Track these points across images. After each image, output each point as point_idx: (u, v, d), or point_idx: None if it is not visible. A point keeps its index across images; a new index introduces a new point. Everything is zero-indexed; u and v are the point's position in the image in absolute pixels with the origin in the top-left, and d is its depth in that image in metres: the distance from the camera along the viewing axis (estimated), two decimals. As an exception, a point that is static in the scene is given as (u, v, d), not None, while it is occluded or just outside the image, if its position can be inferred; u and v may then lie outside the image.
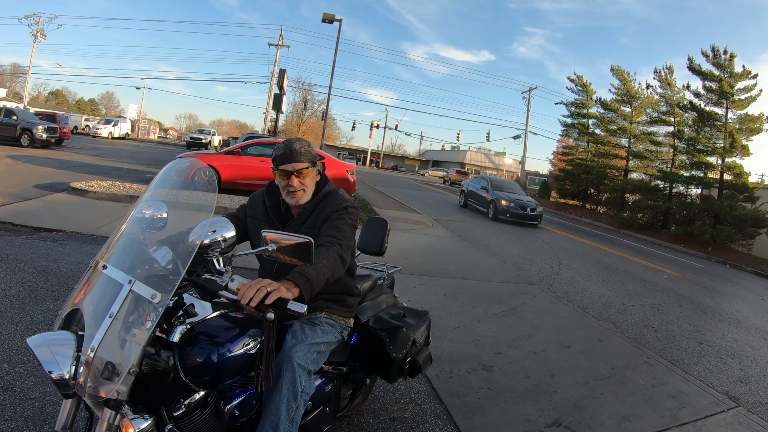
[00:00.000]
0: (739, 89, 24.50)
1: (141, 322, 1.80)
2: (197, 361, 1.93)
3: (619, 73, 32.15)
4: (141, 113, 66.59)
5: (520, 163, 52.97)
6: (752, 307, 10.70)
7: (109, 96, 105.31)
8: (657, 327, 7.38)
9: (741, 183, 23.55)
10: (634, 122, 32.06)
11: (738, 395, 5.27)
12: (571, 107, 36.80)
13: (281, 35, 44.53)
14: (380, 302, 3.19)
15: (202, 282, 2.07)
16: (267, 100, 44.87)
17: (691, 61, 25.78)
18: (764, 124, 24.13)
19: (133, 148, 32.08)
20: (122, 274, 1.83)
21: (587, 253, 14.40)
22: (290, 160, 2.48)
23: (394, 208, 16.97)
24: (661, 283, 11.38)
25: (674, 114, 28.45)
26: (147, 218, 2.19)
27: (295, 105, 74.89)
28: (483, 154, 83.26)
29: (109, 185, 11.57)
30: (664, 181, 28.13)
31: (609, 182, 32.93)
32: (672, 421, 4.33)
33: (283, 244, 2.08)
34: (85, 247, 6.79)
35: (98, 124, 43.49)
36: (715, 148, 24.58)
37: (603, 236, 21.01)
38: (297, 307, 1.95)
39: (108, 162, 19.16)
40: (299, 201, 2.54)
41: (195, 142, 44.46)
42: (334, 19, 24.79)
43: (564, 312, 7.34)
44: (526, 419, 3.96)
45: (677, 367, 5.82)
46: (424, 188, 33.48)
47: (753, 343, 7.49)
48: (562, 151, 41.08)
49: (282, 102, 26.32)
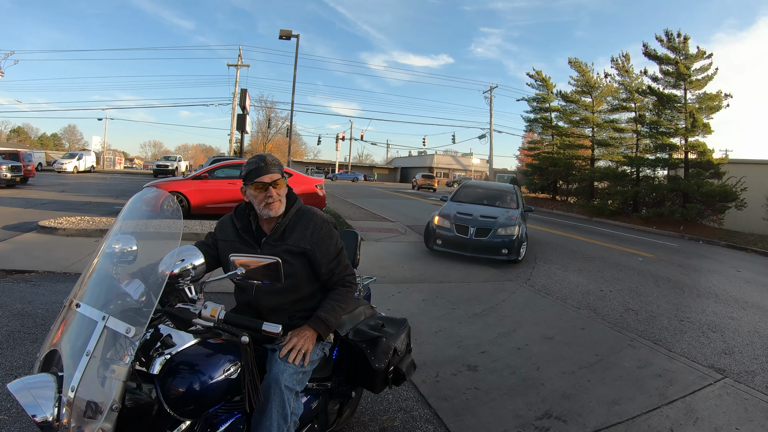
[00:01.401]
0: (695, 70, 24.95)
1: (119, 357, 1.79)
2: (179, 391, 1.92)
3: (577, 65, 32.60)
4: (105, 145, 66.02)
5: (488, 162, 53.39)
6: (729, 280, 10.86)
7: (72, 129, 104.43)
8: (637, 309, 7.42)
9: (706, 160, 23.93)
10: (596, 111, 32.51)
11: (723, 367, 5.32)
12: (532, 102, 37.21)
13: (240, 55, 44.47)
14: (358, 314, 3.14)
15: (176, 312, 2.06)
16: (231, 122, 44.64)
17: (646, 47, 26.24)
18: (723, 101, 24.61)
19: (99, 181, 31.76)
20: (96, 311, 1.81)
21: (561, 244, 14.49)
22: (266, 172, 2.50)
23: (366, 218, 16.90)
24: (636, 266, 11.48)
25: (634, 100, 28.89)
26: (117, 252, 2.18)
27: (259, 124, 74.58)
28: (450, 157, 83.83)
29: (78, 221, 11.34)
30: (630, 166, 28.51)
31: (577, 172, 33.36)
32: (661, 400, 4.35)
33: (252, 267, 2.13)
34: (59, 287, 6.64)
35: (63, 159, 42.73)
36: (678, 129, 24.98)
37: (576, 226, 21.18)
38: (271, 328, 2.00)
39: (75, 197, 18.81)
40: (278, 211, 2.54)
41: (162, 169, 44.14)
42: (291, 35, 24.77)
43: (544, 305, 7.35)
44: (516, 414, 3.94)
45: (661, 346, 5.86)
46: (395, 196, 33.49)
47: (733, 315, 7.58)
48: (528, 146, 41.55)
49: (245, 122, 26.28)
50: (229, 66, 45.19)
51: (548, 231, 17.73)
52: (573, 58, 32.95)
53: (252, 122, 60.77)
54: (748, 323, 7.18)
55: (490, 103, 51.12)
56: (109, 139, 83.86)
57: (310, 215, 2.65)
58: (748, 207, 21.81)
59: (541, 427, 3.76)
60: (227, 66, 45.62)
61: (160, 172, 43.00)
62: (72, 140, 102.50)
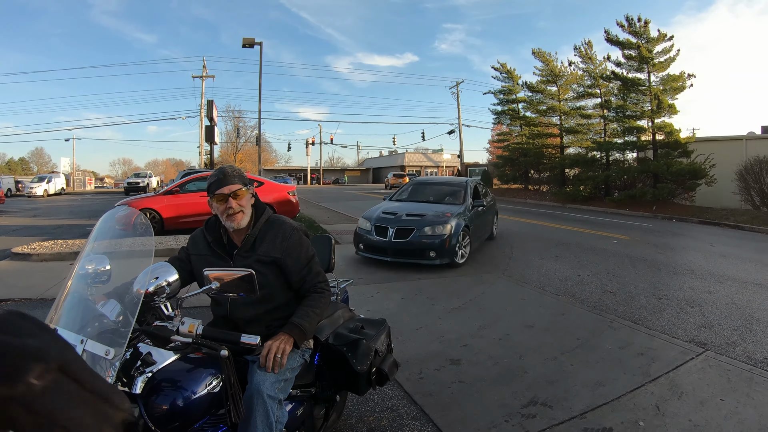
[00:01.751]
0: (657, 52, 25.15)
1: None
2: (163, 408, 1.92)
3: (541, 55, 32.79)
4: (74, 166, 65.06)
5: (459, 156, 53.57)
6: (703, 255, 10.98)
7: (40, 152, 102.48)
8: (615, 291, 7.46)
9: (673, 140, 24.16)
10: (563, 100, 32.70)
11: (704, 340, 5.38)
12: (499, 95, 37.27)
13: (204, 66, 44.30)
14: (337, 318, 3.14)
15: (154, 330, 2.05)
16: (199, 134, 44.31)
17: (608, 34, 26.39)
18: (686, 82, 24.83)
19: (71, 203, 31.26)
20: (73, 335, 1.78)
21: (537, 233, 14.59)
22: (225, 183, 2.50)
23: (341, 221, 16.84)
24: (612, 248, 11.58)
25: (599, 86, 29.05)
26: (90, 273, 2.16)
27: (228, 134, 73.93)
28: (421, 154, 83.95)
29: (52, 245, 11.14)
30: (600, 152, 28.67)
31: (547, 161, 33.52)
32: (644, 378, 4.38)
33: (227, 280, 2.14)
34: (36, 313, 6.18)
35: (32, 183, 41.97)
36: (644, 112, 25.18)
37: (550, 214, 21.31)
38: (249, 339, 2.02)
39: (48, 221, 18.55)
40: (240, 223, 2.52)
41: (133, 186, 43.59)
42: (255, 42, 24.69)
43: (522, 294, 7.37)
44: (502, 404, 3.94)
45: (641, 325, 5.90)
46: (368, 197, 33.38)
47: (710, 289, 7.66)
48: (497, 138, 41.58)
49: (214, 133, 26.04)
50: (194, 78, 45.00)
51: (523, 221, 17.82)
52: (536, 48, 33.18)
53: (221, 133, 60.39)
54: (725, 296, 7.26)
55: (457, 98, 51.40)
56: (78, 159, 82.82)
57: (279, 224, 2.64)
58: (718, 183, 22.03)
59: (527, 415, 3.75)
60: (192, 78, 45.19)
61: (132, 190, 42.50)
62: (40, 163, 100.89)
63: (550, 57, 32.61)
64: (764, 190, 20.10)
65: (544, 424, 3.61)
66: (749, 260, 10.47)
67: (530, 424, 3.61)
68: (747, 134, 25.71)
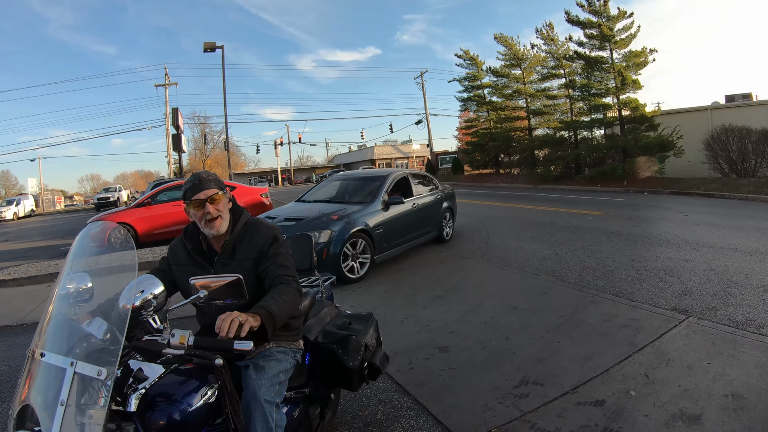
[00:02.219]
0: (618, 30, 25.39)
1: (94, 401, 1.73)
2: (160, 424, 1.88)
3: (503, 39, 32.99)
4: (42, 186, 64.04)
5: (428, 146, 53.71)
6: (677, 225, 11.13)
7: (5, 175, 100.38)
8: (594, 267, 7.53)
9: (640, 115, 24.45)
10: (527, 83, 32.99)
11: (685, 307, 5.45)
12: (464, 82, 37.59)
13: (166, 74, 43.83)
14: (324, 316, 3.15)
15: (144, 345, 1.99)
16: (166, 143, 43.80)
17: (568, 14, 26.60)
18: (649, 57, 25.14)
19: (42, 224, 30.79)
20: (62, 358, 1.73)
21: (512, 216, 14.67)
22: (201, 189, 2.45)
23: (318, 219, 16.76)
24: (587, 225, 11.69)
25: (563, 66, 29.33)
26: (72, 293, 2.09)
27: (196, 141, 73.00)
28: (390, 147, 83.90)
29: (27, 268, 10.93)
30: (567, 131, 28.93)
31: (516, 144, 33.87)
32: (631, 348, 4.43)
33: (214, 287, 2.10)
34: (18, 339, 6.37)
35: (0, 207, 41.23)
36: (609, 89, 25.46)
37: (523, 196, 21.45)
38: (243, 345, 1.94)
39: (20, 244, 18.22)
40: (219, 229, 2.49)
41: (103, 202, 42.88)
42: (216, 46, 24.54)
43: (503, 276, 7.42)
44: (493, 387, 3.95)
45: (622, 297, 5.96)
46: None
47: (687, 257, 7.76)
48: (465, 125, 41.85)
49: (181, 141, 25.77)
50: (157, 86, 44.49)
51: (497, 204, 17.94)
52: (498, 33, 33.44)
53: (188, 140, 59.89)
54: (702, 262, 7.35)
55: (422, 88, 51.48)
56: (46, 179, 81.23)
57: (255, 226, 2.61)
58: (687, 153, 22.37)
59: (519, 395, 3.78)
60: (155, 87, 44.62)
61: (102, 205, 41.86)
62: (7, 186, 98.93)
63: (513, 41, 32.88)
64: (732, 158, 20.47)
65: (537, 402, 3.63)
66: (722, 226, 10.61)
67: (524, 404, 3.63)
68: (712, 104, 26.03)
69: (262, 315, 2.10)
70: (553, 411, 3.50)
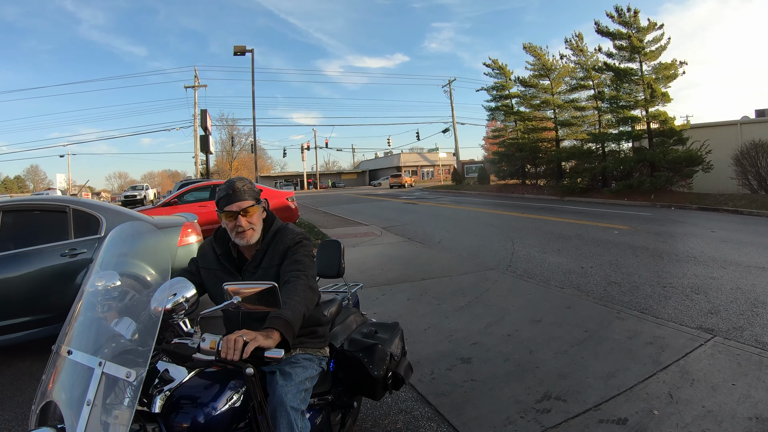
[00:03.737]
0: (648, 42, 25.20)
1: (119, 401, 1.73)
2: (184, 426, 1.88)
3: (532, 49, 32.82)
4: (70, 181, 64.90)
5: (454, 155, 53.64)
6: (705, 241, 10.97)
7: (35, 170, 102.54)
8: (619, 282, 7.47)
9: (668, 128, 24.20)
10: (556, 93, 32.73)
11: (711, 326, 5.39)
12: (492, 91, 37.49)
13: (196, 76, 44.26)
14: (350, 324, 3.14)
15: (174, 348, 1.98)
16: (194, 144, 44.26)
17: (598, 25, 26.43)
18: (678, 69, 24.90)
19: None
20: (90, 357, 1.75)
21: (537, 227, 14.55)
22: (235, 200, 2.40)
23: (341, 225, 16.87)
24: (613, 239, 11.57)
25: (592, 77, 29.08)
26: (101, 291, 2.10)
27: (223, 143, 73.71)
28: (417, 154, 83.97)
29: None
30: (595, 143, 28.64)
31: (543, 155, 33.52)
32: (655, 367, 4.38)
33: (247, 294, 2.03)
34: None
35: (28, 200, 41.85)
36: (637, 101, 25.20)
37: (548, 207, 21.31)
38: (274, 353, 1.94)
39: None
40: (250, 240, 2.46)
41: (130, 200, 43.50)
42: (246, 50, 24.67)
43: (527, 289, 7.37)
44: (515, 400, 3.94)
45: (647, 314, 5.91)
46: (365, 199, 33.46)
47: (713, 275, 7.67)
48: (492, 134, 41.79)
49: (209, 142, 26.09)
50: (186, 88, 44.99)
51: (522, 215, 17.83)
52: (527, 43, 33.24)
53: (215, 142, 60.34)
54: (729, 281, 7.27)
55: (450, 96, 51.56)
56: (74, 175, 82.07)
57: (283, 233, 2.56)
58: (715, 168, 22.02)
59: (541, 410, 3.76)
60: (184, 88, 45.13)
61: (129, 203, 42.40)
62: (36, 180, 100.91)
63: (541, 51, 32.66)
64: (761, 174, 20.12)
65: (559, 418, 3.62)
66: (750, 244, 10.47)
67: (546, 419, 3.61)
68: (741, 119, 25.60)
69: (280, 327, 2.05)
70: (575, 428, 3.48)
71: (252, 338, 1.92)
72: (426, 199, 31.26)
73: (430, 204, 26.28)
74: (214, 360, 1.93)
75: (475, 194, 34.50)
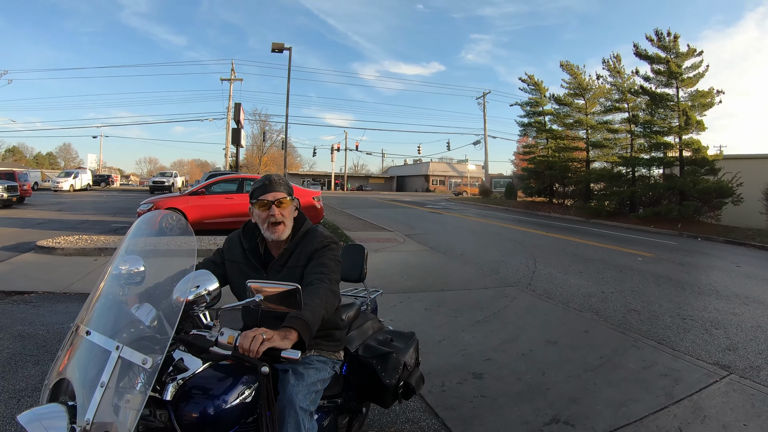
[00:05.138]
0: (686, 68, 24.98)
1: (133, 386, 1.75)
2: (194, 416, 1.88)
3: (569, 67, 32.66)
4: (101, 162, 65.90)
5: (483, 168, 53.53)
6: (729, 276, 10.84)
7: (67, 148, 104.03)
8: (639, 310, 7.42)
9: (701, 157, 23.95)
10: (590, 113, 32.55)
11: (728, 363, 5.32)
12: (526, 107, 37.37)
13: (233, 69, 44.80)
14: (366, 329, 3.14)
15: (192, 339, 2.00)
16: (225, 136, 44.74)
17: (636, 48, 26.26)
18: (715, 98, 24.59)
19: (96, 199, 31.74)
20: (108, 340, 1.76)
21: (561, 247, 14.48)
22: (270, 190, 2.45)
23: (365, 228, 16.91)
24: (636, 266, 11.46)
25: (627, 100, 28.85)
26: (124, 274, 2.14)
27: (254, 137, 74.32)
28: (446, 164, 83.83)
29: (77, 240, 11.35)
30: (626, 167, 28.46)
31: (572, 175, 33.30)
32: (667, 400, 4.34)
33: (270, 293, 2.03)
34: (59, 307, 6.64)
35: (58, 178, 42.61)
36: (671, 128, 24.98)
37: (574, 228, 21.17)
38: (291, 354, 1.93)
39: (73, 216, 18.81)
40: (281, 235, 2.47)
41: (158, 186, 44.08)
42: (284, 47, 24.79)
43: (546, 309, 7.35)
44: (524, 421, 3.93)
45: (665, 345, 5.85)
46: (392, 205, 33.47)
47: (735, 311, 7.58)
48: (523, 150, 41.49)
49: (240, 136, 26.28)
50: (223, 80, 45.47)
51: (546, 234, 17.73)
52: (564, 61, 33.07)
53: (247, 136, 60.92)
54: (750, 318, 7.18)
55: (483, 108, 51.52)
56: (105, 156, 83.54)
57: (312, 234, 2.57)
58: (745, 202, 21.79)
59: (549, 433, 3.75)
60: (220, 80, 45.62)
61: (157, 189, 43.03)
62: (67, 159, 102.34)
63: (578, 70, 32.47)
64: (791, 212, 19.82)
65: (566, 442, 3.62)
66: (776, 282, 10.31)
67: (552, 442, 3.61)
68: (775, 153, 25.30)
69: (299, 327, 2.03)
70: (581, 454, 3.49)
71: (270, 337, 1.91)
72: (451, 209, 31.20)
73: (455, 215, 26.26)
74: (230, 354, 1.95)
75: (501, 209, 34.36)
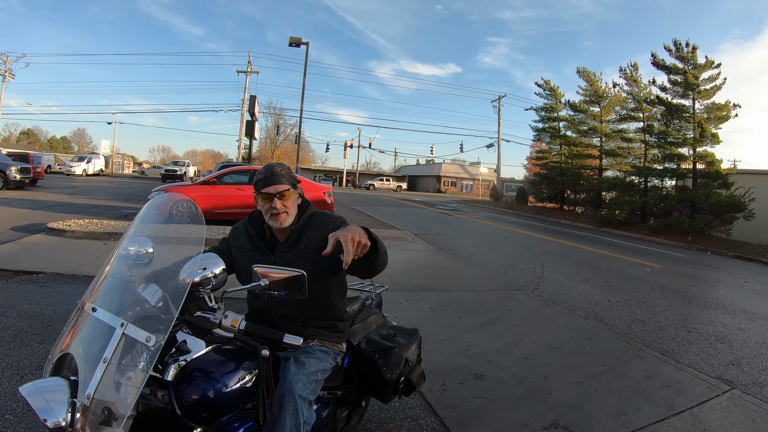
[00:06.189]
0: (704, 79, 24.83)
1: (135, 363, 1.78)
2: (193, 398, 1.90)
3: (585, 74, 32.50)
4: (114, 148, 66.19)
5: (495, 171, 53.44)
6: (736, 291, 10.79)
7: (81, 133, 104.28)
8: (644, 320, 7.40)
9: (714, 171, 23.80)
10: (604, 121, 32.37)
11: (731, 378, 5.30)
12: (540, 112, 37.16)
13: (249, 62, 44.66)
14: (370, 323, 3.16)
15: (195, 320, 2.02)
16: (239, 128, 44.80)
17: (654, 57, 26.14)
18: (731, 111, 24.43)
19: (108, 185, 32.00)
20: (113, 317, 1.79)
21: (569, 254, 14.45)
22: (272, 183, 2.45)
23: (374, 226, 16.87)
24: (644, 276, 11.42)
25: (643, 110, 28.75)
26: (132, 255, 2.16)
27: (268, 130, 74.44)
28: (458, 166, 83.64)
29: (87, 223, 11.45)
30: (638, 176, 28.36)
31: (584, 182, 33.20)
32: (668, 411, 4.33)
33: (275, 279, 2.06)
34: (66, 288, 6.69)
35: (71, 162, 43.00)
36: (686, 139, 24.85)
37: (583, 236, 21.11)
38: (292, 340, 1.96)
39: (84, 200, 18.98)
40: (283, 224, 2.49)
41: (170, 174, 44.30)
42: (301, 42, 24.82)
43: (551, 314, 7.33)
44: (522, 424, 3.93)
45: (668, 357, 5.83)
46: (403, 204, 33.48)
47: (741, 326, 7.54)
48: (536, 155, 41.45)
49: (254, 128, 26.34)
50: (239, 72, 45.54)
51: (555, 241, 17.69)
52: (581, 67, 32.90)
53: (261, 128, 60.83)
54: (756, 334, 7.15)
55: (498, 112, 51.31)
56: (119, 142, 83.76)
57: (321, 217, 2.59)
58: (757, 217, 21.71)
59: (548, 437, 3.75)
60: (237, 72, 45.85)
61: (169, 177, 43.27)
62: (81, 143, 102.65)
63: (595, 77, 32.30)
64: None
65: (564, 448, 3.62)
66: (784, 300, 10.24)
67: (550, 447, 3.62)
68: (789, 169, 25.12)
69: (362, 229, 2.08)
70: (579, 460, 3.50)
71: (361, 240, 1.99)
72: (461, 211, 31.19)
73: (465, 217, 26.23)
74: (232, 337, 1.98)
75: (512, 213, 34.27)
